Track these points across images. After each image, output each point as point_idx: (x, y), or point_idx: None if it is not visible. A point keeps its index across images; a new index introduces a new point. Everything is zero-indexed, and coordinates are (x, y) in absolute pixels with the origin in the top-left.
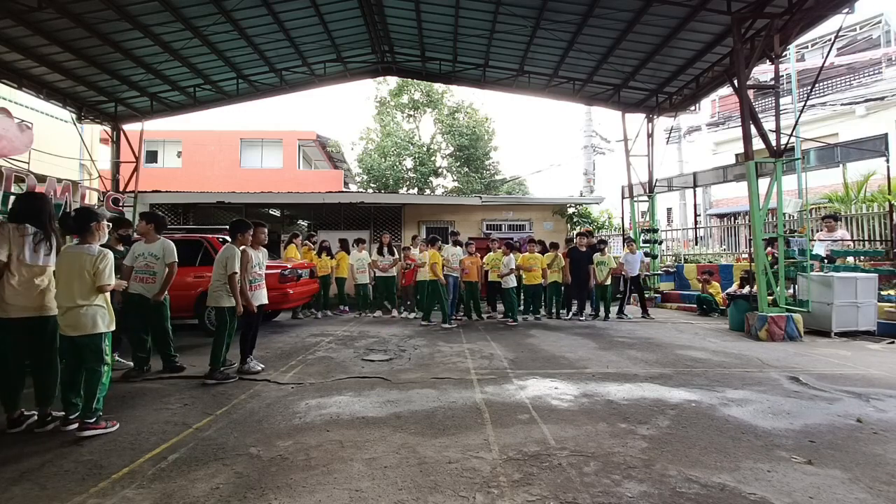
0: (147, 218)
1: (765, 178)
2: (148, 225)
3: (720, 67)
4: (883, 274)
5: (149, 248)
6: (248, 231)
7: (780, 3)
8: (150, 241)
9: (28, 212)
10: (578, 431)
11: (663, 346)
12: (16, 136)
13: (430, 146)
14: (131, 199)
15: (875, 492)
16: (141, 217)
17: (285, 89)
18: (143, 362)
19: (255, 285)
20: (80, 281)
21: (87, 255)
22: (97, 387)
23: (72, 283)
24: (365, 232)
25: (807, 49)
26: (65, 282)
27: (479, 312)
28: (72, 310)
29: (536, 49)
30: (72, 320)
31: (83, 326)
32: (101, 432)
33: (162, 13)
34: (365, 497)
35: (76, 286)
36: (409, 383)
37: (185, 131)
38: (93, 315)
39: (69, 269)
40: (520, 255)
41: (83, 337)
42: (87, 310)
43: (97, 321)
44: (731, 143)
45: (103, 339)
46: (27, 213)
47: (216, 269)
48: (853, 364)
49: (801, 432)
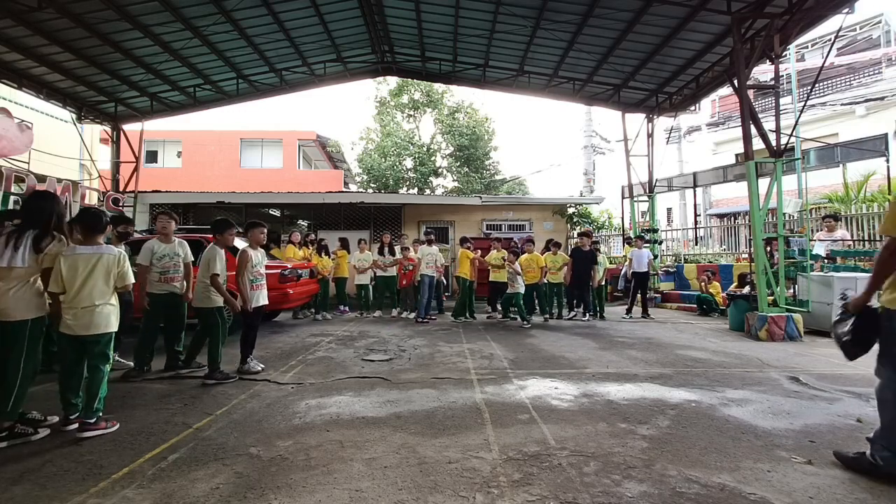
0: (169, 216)
1: (765, 178)
2: (170, 222)
3: (720, 67)
4: None
5: (171, 247)
6: (228, 230)
7: (780, 3)
8: (169, 240)
9: (25, 210)
10: (578, 431)
11: (663, 346)
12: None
13: (430, 146)
14: (131, 199)
15: (875, 492)
16: (167, 215)
17: (285, 89)
18: (146, 362)
19: (255, 285)
20: (102, 281)
21: (110, 255)
22: (100, 386)
23: (89, 284)
24: (365, 232)
25: (807, 49)
26: (81, 283)
27: (471, 312)
28: (87, 309)
29: (536, 49)
30: (86, 320)
31: (97, 325)
32: (101, 433)
33: (162, 13)
34: (365, 497)
35: (97, 286)
36: (409, 383)
37: (185, 131)
38: (107, 314)
39: (86, 271)
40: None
41: (95, 336)
42: (102, 308)
43: (111, 320)
44: (731, 143)
45: (111, 339)
46: (24, 211)
47: (201, 269)
48: (853, 364)
49: (801, 432)
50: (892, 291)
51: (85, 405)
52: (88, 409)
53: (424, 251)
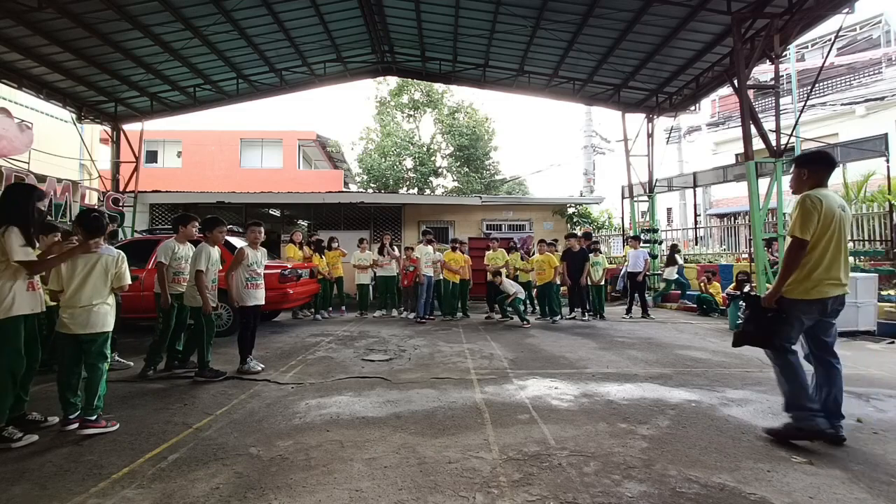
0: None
1: (765, 178)
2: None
3: (720, 67)
4: (883, 274)
5: (187, 249)
6: (217, 228)
7: (780, 3)
8: (184, 241)
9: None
10: (578, 431)
11: (663, 346)
12: (16, 136)
13: (430, 146)
14: (131, 199)
15: (875, 492)
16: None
17: (285, 89)
18: (158, 362)
19: (251, 284)
20: (101, 281)
21: (109, 256)
22: (98, 384)
23: (87, 283)
24: (365, 232)
25: (807, 49)
26: (80, 283)
27: (464, 311)
28: (85, 308)
29: (536, 49)
30: (83, 319)
31: (94, 325)
32: (102, 431)
33: (162, 13)
34: (365, 497)
35: (95, 286)
36: (409, 383)
37: (185, 131)
38: (104, 314)
39: (85, 271)
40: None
41: (92, 335)
42: (99, 308)
43: (108, 319)
44: (731, 143)
45: (108, 338)
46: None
47: (189, 268)
48: (853, 364)
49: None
50: (792, 285)
51: (84, 404)
52: (88, 407)
53: (422, 251)
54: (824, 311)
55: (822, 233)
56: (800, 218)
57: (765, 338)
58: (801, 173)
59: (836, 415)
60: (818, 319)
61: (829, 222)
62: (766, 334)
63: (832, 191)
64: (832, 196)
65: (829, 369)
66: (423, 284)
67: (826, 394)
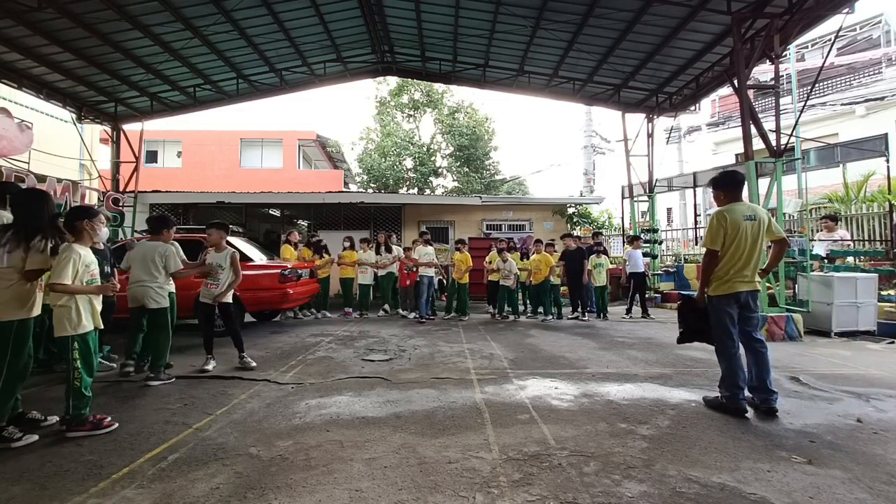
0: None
1: (765, 178)
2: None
3: (720, 67)
4: (883, 274)
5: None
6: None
7: (780, 3)
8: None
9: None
10: (578, 431)
11: (663, 346)
12: (16, 136)
13: (430, 146)
14: (131, 199)
15: (875, 492)
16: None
17: (285, 89)
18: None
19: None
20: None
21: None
22: (79, 386)
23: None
24: (365, 232)
25: (807, 49)
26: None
27: (464, 311)
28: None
29: (536, 49)
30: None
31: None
32: (86, 434)
33: (162, 13)
34: (365, 497)
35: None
36: (409, 383)
37: (185, 131)
38: (59, 316)
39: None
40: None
41: (62, 337)
42: (56, 310)
43: (64, 323)
44: (731, 143)
45: (69, 342)
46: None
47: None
48: (853, 364)
49: (801, 432)
50: (713, 285)
51: (66, 407)
52: (68, 409)
53: (421, 251)
54: (739, 303)
55: (730, 242)
56: (709, 233)
57: (702, 333)
58: (717, 194)
59: (766, 391)
60: (739, 311)
61: (736, 233)
62: (702, 329)
63: (750, 202)
64: (739, 209)
65: (755, 354)
66: (423, 284)
67: (755, 374)
